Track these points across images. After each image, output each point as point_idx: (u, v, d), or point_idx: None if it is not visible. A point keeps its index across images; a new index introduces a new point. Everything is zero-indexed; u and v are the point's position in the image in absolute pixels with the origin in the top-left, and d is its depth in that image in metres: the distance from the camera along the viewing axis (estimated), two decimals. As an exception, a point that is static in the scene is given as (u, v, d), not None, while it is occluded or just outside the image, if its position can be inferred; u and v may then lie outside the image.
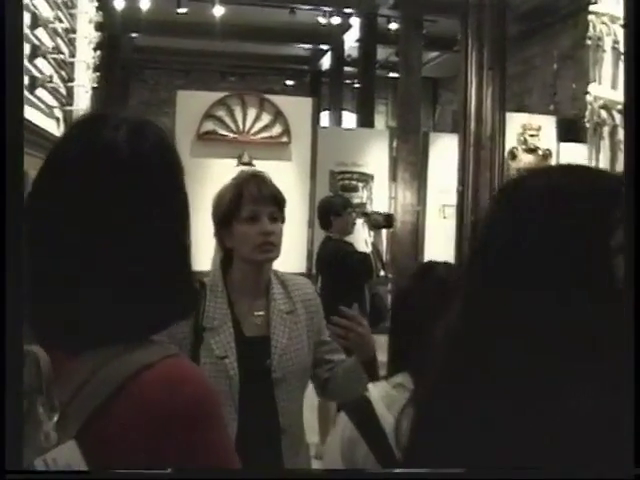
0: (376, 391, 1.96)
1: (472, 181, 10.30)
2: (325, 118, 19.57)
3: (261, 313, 2.75)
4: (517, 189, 1.01)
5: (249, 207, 2.73)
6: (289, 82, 23.21)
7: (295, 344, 2.72)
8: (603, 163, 6.70)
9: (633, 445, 0.79)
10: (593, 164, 6.82)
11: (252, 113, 10.57)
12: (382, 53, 18.08)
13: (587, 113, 6.87)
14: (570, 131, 13.33)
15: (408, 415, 1.10)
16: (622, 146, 6.61)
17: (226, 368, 2.60)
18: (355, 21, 17.12)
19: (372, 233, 6.74)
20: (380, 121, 22.13)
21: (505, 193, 1.03)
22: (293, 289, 2.82)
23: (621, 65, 6.54)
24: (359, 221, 6.98)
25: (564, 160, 12.27)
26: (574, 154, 12.47)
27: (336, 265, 6.34)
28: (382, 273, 6.86)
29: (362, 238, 6.87)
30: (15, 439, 1.09)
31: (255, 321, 2.74)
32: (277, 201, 2.80)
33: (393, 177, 12.11)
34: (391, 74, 19.48)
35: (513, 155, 12.15)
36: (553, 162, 12.45)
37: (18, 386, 1.12)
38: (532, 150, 12.43)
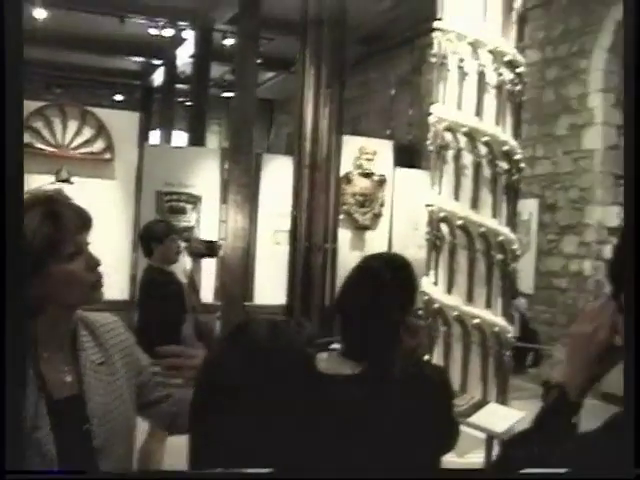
0: None
1: (307, 205, 9.92)
2: (156, 137, 18.86)
3: (69, 368, 2.19)
4: None
5: (70, 239, 2.11)
6: (118, 97, 22.27)
7: (114, 400, 2.22)
8: (446, 188, 6.37)
9: (633, 445, 0.84)
10: (436, 189, 6.49)
11: (73, 126, 9.96)
12: (217, 70, 17.55)
13: (430, 135, 6.50)
14: (406, 156, 13.23)
15: None
16: (466, 171, 6.31)
17: (39, 443, 2.01)
18: (189, 35, 16.48)
19: (192, 261, 6.31)
20: (213, 141, 21.60)
21: None
22: (102, 333, 2.30)
23: (467, 85, 6.25)
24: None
25: (400, 185, 12.11)
26: (409, 179, 12.34)
27: (150, 297, 5.81)
28: (197, 305, 6.41)
29: (182, 267, 6.34)
30: (15, 439, 1.14)
31: (64, 379, 2.17)
32: (90, 224, 2.21)
33: (224, 199, 11.52)
34: (225, 93, 19.01)
35: (348, 179, 11.86)
36: (389, 187, 12.28)
37: (18, 387, 1.23)
38: (367, 175, 12.18)
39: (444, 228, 6.44)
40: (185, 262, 6.49)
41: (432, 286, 6.44)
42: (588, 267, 10.81)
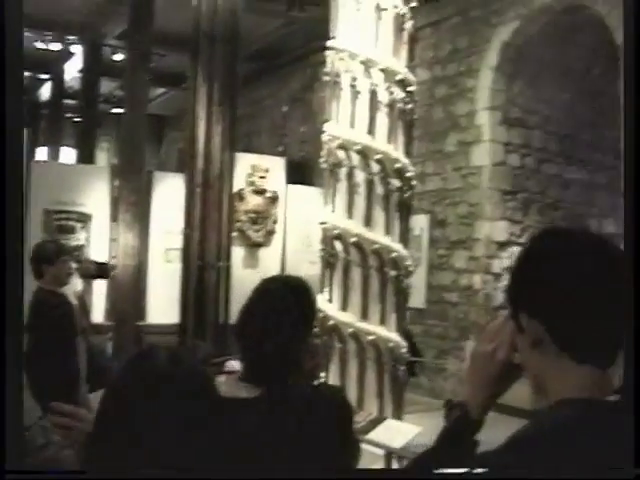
0: None
1: (199, 223, 9.82)
2: (43, 154, 18.37)
3: None
4: None
5: None
6: (3, 112, 21.61)
7: None
8: (340, 205, 6.40)
9: (633, 445, 0.86)
10: (329, 207, 6.51)
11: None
12: (106, 86, 17.22)
13: (324, 153, 6.52)
14: (298, 173, 13.26)
15: None
16: (359, 189, 6.35)
17: None
18: (78, 49, 16.11)
19: (83, 282, 6.14)
20: (102, 158, 21.18)
21: None
22: None
23: (359, 103, 6.30)
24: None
25: (293, 202, 12.13)
26: (302, 196, 12.37)
27: (40, 320, 5.61)
28: (87, 327, 6.25)
29: (72, 288, 6.16)
30: (15, 439, 1.16)
31: None
32: None
33: (114, 217, 11.29)
34: (115, 109, 18.67)
35: (241, 197, 11.79)
36: (281, 204, 12.29)
37: (18, 387, 1.21)
38: (260, 192, 12.15)
39: (338, 245, 6.46)
40: (76, 283, 6.31)
41: (327, 303, 6.45)
42: (478, 281, 11.05)
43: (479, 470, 1.32)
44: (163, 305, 11.08)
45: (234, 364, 2.92)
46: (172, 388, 1.55)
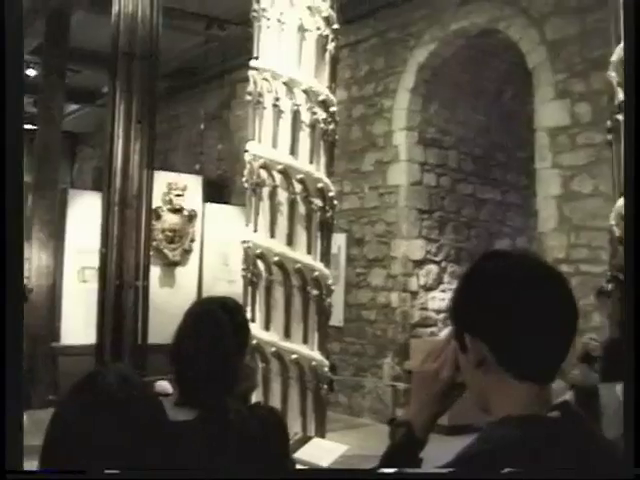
0: None
1: (116, 242, 9.67)
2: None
3: None
4: None
5: None
6: None
7: None
8: (262, 225, 6.41)
9: (633, 445, 0.90)
10: (251, 226, 6.51)
11: None
12: (18, 102, 16.81)
13: (246, 172, 6.53)
14: (215, 191, 13.21)
15: None
16: (282, 208, 6.38)
17: None
18: (-14, 64, 15.73)
19: None
20: (13, 175, 20.63)
21: None
22: None
23: (282, 123, 6.34)
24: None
25: (210, 220, 12.07)
26: (220, 215, 12.33)
27: None
28: None
29: None
30: (15, 439, 1.16)
31: None
32: None
33: (27, 236, 11.03)
34: (28, 126, 18.25)
35: (158, 215, 11.67)
36: (198, 223, 12.21)
37: (18, 387, 1.21)
38: (177, 210, 12.06)
39: (260, 265, 6.47)
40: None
41: (250, 323, 6.43)
42: (395, 299, 11.17)
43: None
44: (78, 325, 10.86)
45: (164, 385, 2.90)
46: (121, 409, 1.53)
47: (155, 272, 11.39)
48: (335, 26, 6.59)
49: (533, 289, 1.40)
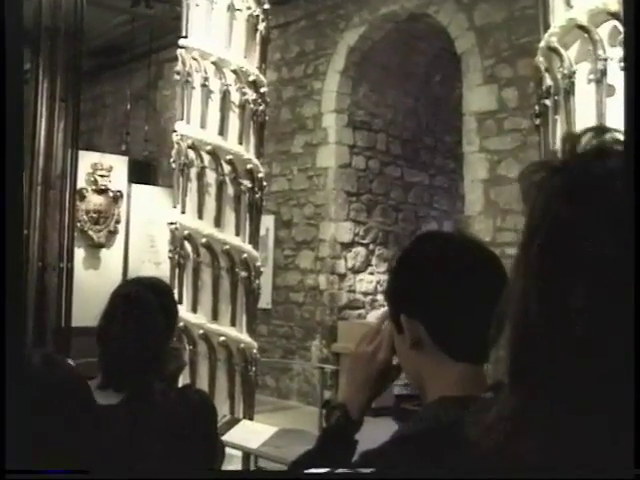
0: None
1: (39, 224, 9.45)
2: None
3: None
4: None
5: None
6: None
7: None
8: (190, 206, 6.32)
9: (633, 445, 0.80)
10: (178, 208, 6.42)
11: None
12: None
13: (174, 153, 6.43)
14: (141, 172, 13.03)
15: None
16: (210, 189, 6.30)
17: None
18: None
19: None
20: None
21: None
22: None
23: (211, 103, 6.25)
24: None
25: (136, 201, 11.90)
26: (146, 196, 12.16)
27: None
28: None
29: None
30: (15, 439, 1.16)
31: None
32: None
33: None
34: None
35: (82, 196, 11.46)
36: (124, 204, 12.04)
37: (18, 387, 1.18)
38: (102, 191, 11.86)
39: (188, 246, 6.39)
40: None
41: (177, 305, 6.36)
42: (323, 281, 11.19)
43: (365, 470, 1.34)
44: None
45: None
46: (51, 392, 1.49)
47: (79, 254, 11.19)
48: (266, 6, 6.52)
49: (469, 270, 1.40)
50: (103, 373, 2.40)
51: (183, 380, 6.23)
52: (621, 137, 0.85)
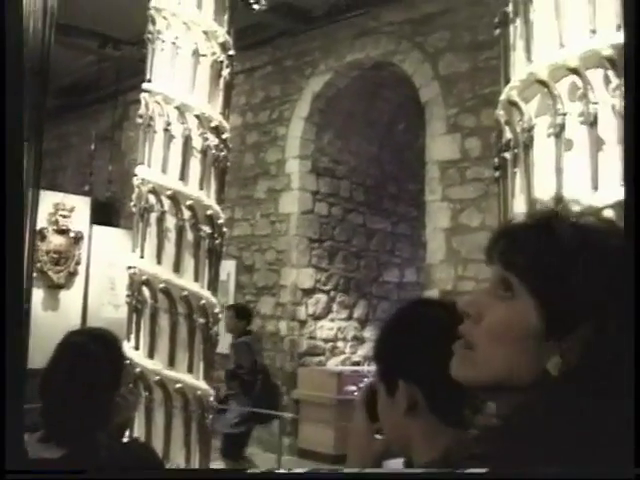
0: None
1: (-3, 262, 9.32)
2: None
3: None
4: None
5: None
6: None
7: None
8: (149, 250, 6.26)
9: (633, 445, 0.81)
10: (137, 252, 6.35)
11: None
12: None
13: (134, 197, 6.38)
14: (104, 213, 12.95)
15: None
16: (170, 234, 6.25)
17: None
18: None
19: None
20: None
21: None
22: None
23: (173, 148, 6.23)
24: None
25: (97, 243, 11.80)
26: (107, 237, 12.08)
27: None
28: None
29: None
30: (15, 439, 1.16)
31: None
32: None
33: None
34: None
35: (43, 236, 11.36)
36: (85, 245, 11.93)
37: (18, 388, 1.21)
38: (63, 231, 11.76)
39: (146, 291, 6.31)
40: None
41: (133, 350, 6.27)
42: (284, 327, 11.13)
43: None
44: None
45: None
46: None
47: (38, 295, 11.05)
48: (231, 52, 6.54)
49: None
50: (45, 425, 2.35)
51: (139, 428, 6.14)
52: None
